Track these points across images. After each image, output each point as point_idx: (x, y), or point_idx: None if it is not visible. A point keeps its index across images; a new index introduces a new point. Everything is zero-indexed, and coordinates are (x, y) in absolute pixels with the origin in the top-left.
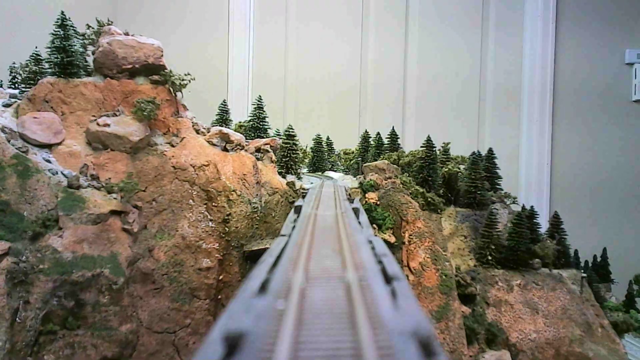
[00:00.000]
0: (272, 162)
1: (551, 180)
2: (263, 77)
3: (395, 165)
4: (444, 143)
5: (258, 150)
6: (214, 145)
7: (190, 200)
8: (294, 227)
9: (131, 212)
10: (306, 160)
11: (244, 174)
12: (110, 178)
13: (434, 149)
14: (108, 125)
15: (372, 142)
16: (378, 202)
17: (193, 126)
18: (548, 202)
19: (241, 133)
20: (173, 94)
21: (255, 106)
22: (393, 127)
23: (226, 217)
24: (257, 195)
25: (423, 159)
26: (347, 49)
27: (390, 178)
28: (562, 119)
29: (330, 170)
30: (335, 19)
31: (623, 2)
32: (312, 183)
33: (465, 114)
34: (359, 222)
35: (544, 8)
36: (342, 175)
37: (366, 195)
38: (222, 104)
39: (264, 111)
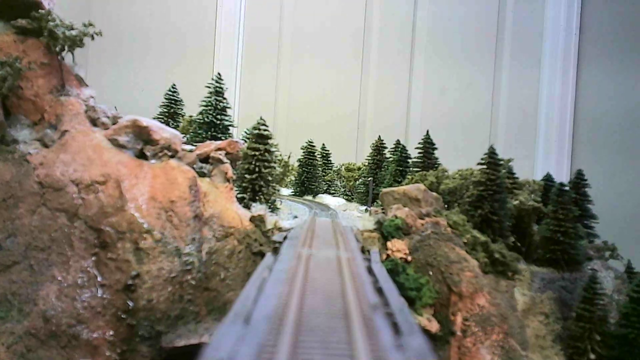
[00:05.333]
0: (227, 180)
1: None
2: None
3: (434, 193)
4: (502, 160)
5: (205, 159)
6: (120, 146)
7: (67, 247)
8: None
9: None
10: (290, 177)
11: (172, 201)
12: None
13: (501, 166)
14: None
15: (389, 155)
16: (409, 258)
17: (87, 112)
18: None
19: (191, 132)
20: (57, 55)
21: (212, 89)
22: (427, 132)
23: (131, 281)
24: (193, 239)
25: (483, 184)
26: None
27: (428, 215)
28: (587, 63)
29: (325, 192)
30: None
31: None
32: (295, 217)
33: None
34: None
35: None
36: (343, 202)
37: (389, 243)
38: (170, 89)
39: (225, 99)
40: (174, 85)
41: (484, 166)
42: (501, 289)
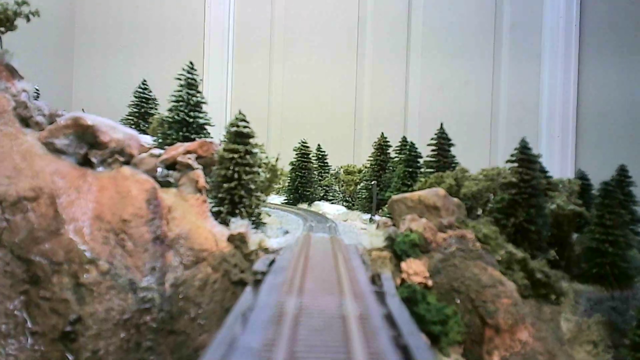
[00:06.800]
0: (199, 190)
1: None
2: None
3: (456, 199)
4: (535, 155)
5: (172, 165)
6: (58, 152)
7: None
8: None
9: None
10: (280, 183)
11: (124, 220)
12: None
13: (536, 164)
14: None
15: (395, 155)
16: (430, 283)
17: (16, 109)
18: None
19: (161, 133)
20: None
21: (184, 81)
22: (442, 125)
23: (71, 327)
24: (153, 269)
25: (516, 186)
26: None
27: (450, 227)
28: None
29: (322, 199)
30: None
31: None
32: (287, 233)
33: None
34: None
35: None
36: (343, 210)
37: (403, 264)
38: (141, 85)
39: (199, 92)
40: (145, 81)
41: (515, 164)
42: (545, 318)
